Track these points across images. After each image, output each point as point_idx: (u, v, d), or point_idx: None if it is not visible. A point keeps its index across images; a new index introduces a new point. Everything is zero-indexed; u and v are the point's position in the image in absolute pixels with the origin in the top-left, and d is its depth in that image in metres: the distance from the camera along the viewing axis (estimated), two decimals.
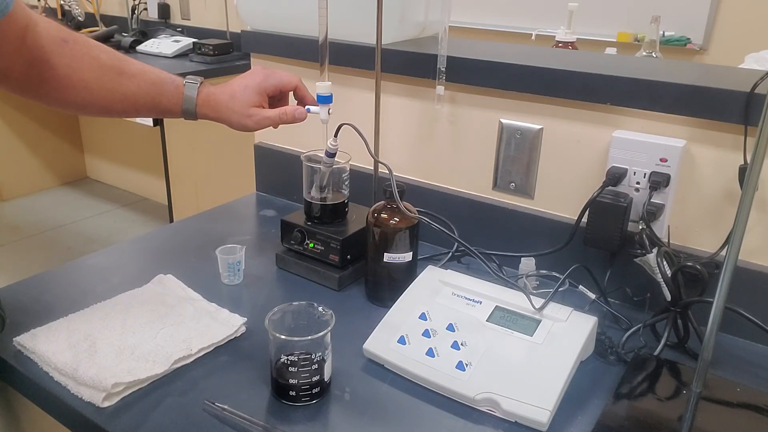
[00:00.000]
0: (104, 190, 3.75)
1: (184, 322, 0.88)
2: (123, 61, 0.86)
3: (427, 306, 0.88)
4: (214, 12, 2.97)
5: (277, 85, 0.93)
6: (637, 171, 0.93)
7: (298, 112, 0.92)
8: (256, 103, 0.91)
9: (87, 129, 3.80)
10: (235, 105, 0.90)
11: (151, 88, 0.88)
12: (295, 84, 0.94)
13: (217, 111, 0.91)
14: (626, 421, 0.75)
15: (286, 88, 0.94)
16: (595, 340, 0.86)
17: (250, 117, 0.90)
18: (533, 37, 2.73)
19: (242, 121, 0.91)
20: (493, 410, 0.76)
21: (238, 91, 0.90)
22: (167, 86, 0.89)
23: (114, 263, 1.08)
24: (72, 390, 0.76)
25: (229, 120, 0.91)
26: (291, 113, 0.92)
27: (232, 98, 0.90)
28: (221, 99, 0.90)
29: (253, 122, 0.91)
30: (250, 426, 0.72)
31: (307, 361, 0.75)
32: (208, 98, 0.90)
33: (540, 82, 1.00)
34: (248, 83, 0.91)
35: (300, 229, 1.04)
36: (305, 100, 0.96)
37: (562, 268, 0.96)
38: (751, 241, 0.90)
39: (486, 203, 1.11)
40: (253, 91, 0.91)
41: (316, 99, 0.94)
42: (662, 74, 0.93)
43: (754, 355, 0.89)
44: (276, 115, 0.92)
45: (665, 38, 2.40)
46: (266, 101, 0.93)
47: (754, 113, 0.84)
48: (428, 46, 1.12)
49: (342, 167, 1.03)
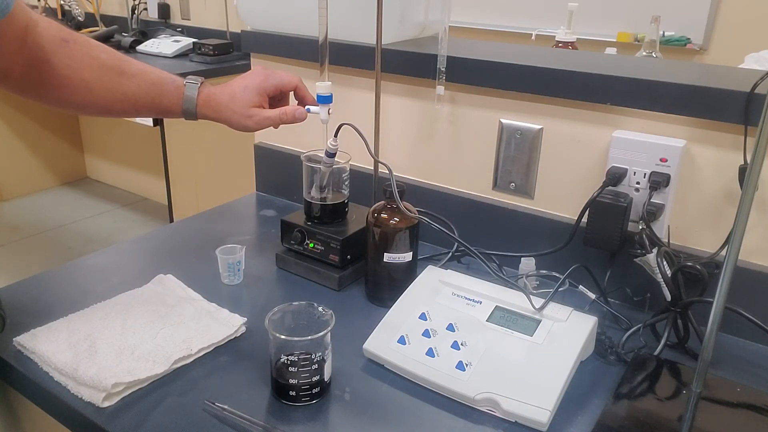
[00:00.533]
0: (104, 190, 3.75)
1: (184, 322, 0.88)
2: (123, 61, 0.86)
3: (427, 306, 0.88)
4: (214, 12, 2.97)
5: (277, 85, 0.93)
6: (637, 171, 0.93)
7: (299, 112, 0.92)
8: (256, 103, 0.91)
9: (87, 129, 3.80)
10: (235, 105, 0.90)
11: (151, 88, 0.88)
12: (296, 84, 0.94)
13: (217, 111, 0.91)
14: (626, 421, 0.75)
15: (286, 88, 0.94)
16: (595, 340, 0.86)
17: (251, 117, 0.90)
18: (533, 37, 2.72)
19: (242, 121, 0.91)
20: (493, 410, 0.76)
21: (238, 92, 0.90)
22: (168, 86, 0.89)
23: (114, 263, 1.08)
24: (72, 390, 0.76)
25: (230, 120, 0.91)
26: (291, 113, 0.92)
27: (233, 98, 0.90)
28: (221, 99, 0.90)
29: (253, 122, 0.91)
30: (250, 426, 0.72)
31: (307, 361, 0.75)
32: (208, 98, 0.90)
33: (540, 82, 1.00)
34: (248, 83, 0.91)
35: (300, 229, 1.04)
36: (305, 100, 0.96)
37: (562, 268, 0.96)
38: (751, 241, 0.90)
39: (486, 203, 1.11)
40: (253, 91, 0.91)
41: (316, 99, 0.95)
42: (662, 74, 0.93)
43: (754, 355, 0.89)
44: (276, 116, 0.92)
45: (665, 38, 2.40)
46: (266, 101, 0.93)
47: (754, 113, 0.84)
48: (428, 46, 1.13)
49: (342, 167, 1.03)
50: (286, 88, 0.94)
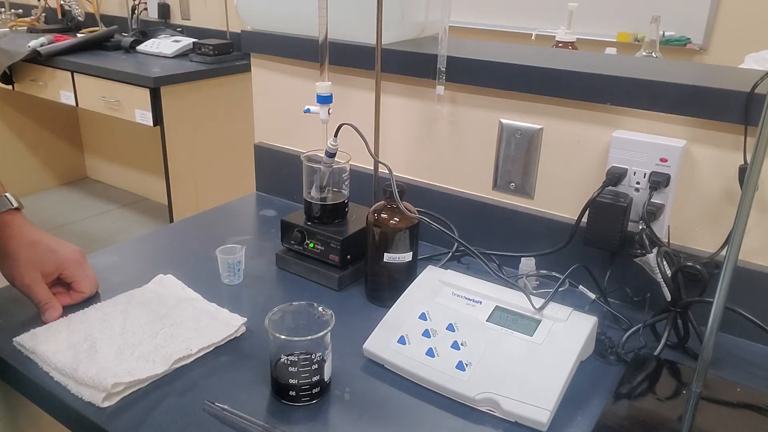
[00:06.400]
0: (104, 190, 3.75)
1: (184, 322, 0.88)
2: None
3: (427, 306, 0.88)
4: (214, 12, 2.97)
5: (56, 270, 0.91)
6: (637, 171, 0.93)
7: (51, 311, 0.89)
8: (43, 272, 0.89)
9: (87, 129, 3.80)
10: (23, 256, 0.88)
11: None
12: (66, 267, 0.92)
13: (6, 243, 0.88)
14: (626, 421, 0.75)
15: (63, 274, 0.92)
16: (595, 340, 0.86)
17: (24, 278, 0.88)
18: (533, 37, 2.73)
19: (14, 273, 0.88)
20: (493, 410, 0.76)
21: (42, 253, 0.89)
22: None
23: (114, 263, 1.08)
24: (72, 390, 0.76)
25: (5, 258, 0.88)
26: (50, 305, 0.89)
27: (31, 247, 0.88)
28: (22, 239, 0.88)
29: (21, 283, 0.88)
30: (250, 426, 0.72)
31: (307, 361, 0.75)
32: (9, 225, 0.88)
33: (540, 82, 1.00)
34: (59, 258, 0.91)
35: (300, 229, 1.04)
36: (73, 285, 0.93)
37: (562, 268, 0.96)
38: (751, 241, 0.90)
39: (486, 203, 1.11)
40: (53, 263, 0.90)
41: (316, 99, 0.94)
42: (662, 74, 0.93)
43: (754, 355, 0.89)
44: (43, 295, 0.89)
45: (665, 38, 2.40)
46: (49, 279, 0.91)
47: (754, 113, 0.84)
48: (428, 46, 1.13)
49: (342, 167, 1.03)
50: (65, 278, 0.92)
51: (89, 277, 0.94)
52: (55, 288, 0.92)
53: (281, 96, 1.32)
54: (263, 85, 1.35)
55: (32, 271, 0.88)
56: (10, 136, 3.50)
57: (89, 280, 0.94)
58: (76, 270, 0.93)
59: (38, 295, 0.88)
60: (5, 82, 2.91)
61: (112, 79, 2.54)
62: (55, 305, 0.89)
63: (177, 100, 2.54)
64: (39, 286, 0.89)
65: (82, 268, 0.94)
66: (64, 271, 0.92)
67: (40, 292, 0.89)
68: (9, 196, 0.89)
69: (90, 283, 0.94)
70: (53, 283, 0.92)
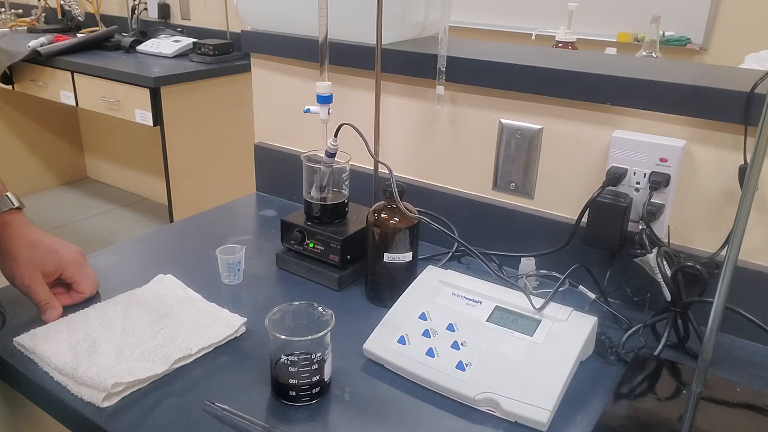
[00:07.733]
0: (104, 190, 3.75)
1: (184, 322, 0.88)
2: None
3: (427, 306, 0.88)
4: (214, 12, 2.97)
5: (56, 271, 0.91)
6: (637, 171, 0.93)
7: (51, 311, 0.89)
8: (44, 272, 0.89)
9: (87, 129, 3.80)
10: (23, 256, 0.87)
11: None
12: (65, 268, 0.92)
13: (6, 243, 0.87)
14: (626, 421, 0.75)
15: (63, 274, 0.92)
16: (595, 340, 0.86)
17: (24, 278, 0.88)
18: (533, 37, 2.73)
19: (15, 273, 0.88)
20: (493, 410, 0.76)
21: (43, 253, 0.89)
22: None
23: (114, 263, 1.08)
24: (72, 390, 0.76)
25: (5, 258, 0.88)
26: (50, 306, 0.89)
27: (32, 247, 0.88)
28: (24, 237, 0.88)
29: (21, 283, 0.88)
30: (250, 426, 0.72)
31: (307, 361, 0.75)
32: (10, 224, 0.87)
33: (540, 82, 1.00)
34: (60, 258, 0.90)
35: (300, 229, 1.03)
36: (74, 286, 0.93)
37: (562, 268, 0.96)
38: (751, 241, 0.90)
39: (486, 203, 1.11)
40: (53, 263, 0.90)
41: (316, 98, 0.94)
42: (662, 74, 0.93)
43: (754, 355, 0.89)
44: (43, 295, 0.89)
45: (665, 38, 2.40)
46: (50, 279, 0.91)
47: (754, 113, 0.84)
48: (428, 46, 1.13)
49: (342, 167, 1.03)
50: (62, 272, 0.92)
51: (89, 277, 0.95)
52: (56, 288, 0.92)
53: (281, 96, 1.32)
54: (263, 85, 1.35)
55: (33, 271, 0.88)
56: (10, 136, 3.50)
57: (89, 280, 0.94)
58: (77, 270, 0.93)
59: (38, 295, 0.88)
60: (5, 82, 2.92)
61: (112, 79, 2.54)
62: (55, 305, 0.89)
63: (177, 100, 2.54)
64: (39, 286, 0.89)
65: (82, 268, 0.94)
66: (65, 271, 0.92)
67: (41, 292, 0.89)
68: (10, 196, 0.89)
69: (90, 283, 0.94)
70: (53, 283, 0.92)
